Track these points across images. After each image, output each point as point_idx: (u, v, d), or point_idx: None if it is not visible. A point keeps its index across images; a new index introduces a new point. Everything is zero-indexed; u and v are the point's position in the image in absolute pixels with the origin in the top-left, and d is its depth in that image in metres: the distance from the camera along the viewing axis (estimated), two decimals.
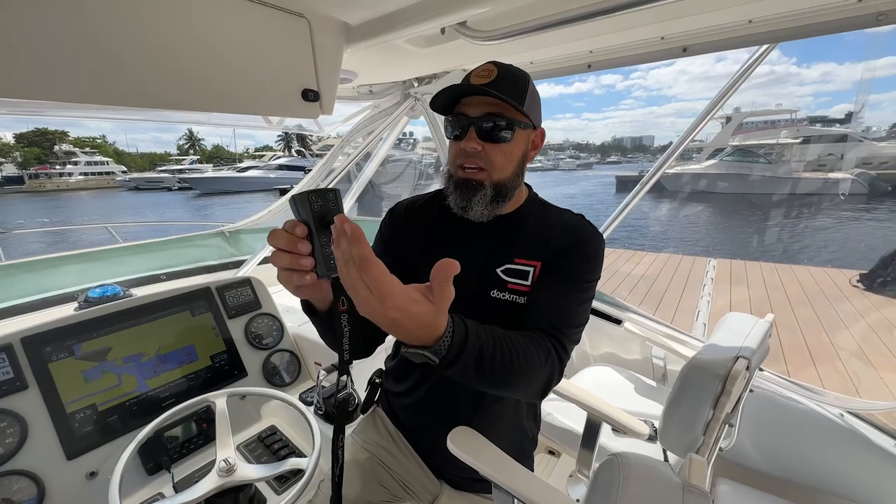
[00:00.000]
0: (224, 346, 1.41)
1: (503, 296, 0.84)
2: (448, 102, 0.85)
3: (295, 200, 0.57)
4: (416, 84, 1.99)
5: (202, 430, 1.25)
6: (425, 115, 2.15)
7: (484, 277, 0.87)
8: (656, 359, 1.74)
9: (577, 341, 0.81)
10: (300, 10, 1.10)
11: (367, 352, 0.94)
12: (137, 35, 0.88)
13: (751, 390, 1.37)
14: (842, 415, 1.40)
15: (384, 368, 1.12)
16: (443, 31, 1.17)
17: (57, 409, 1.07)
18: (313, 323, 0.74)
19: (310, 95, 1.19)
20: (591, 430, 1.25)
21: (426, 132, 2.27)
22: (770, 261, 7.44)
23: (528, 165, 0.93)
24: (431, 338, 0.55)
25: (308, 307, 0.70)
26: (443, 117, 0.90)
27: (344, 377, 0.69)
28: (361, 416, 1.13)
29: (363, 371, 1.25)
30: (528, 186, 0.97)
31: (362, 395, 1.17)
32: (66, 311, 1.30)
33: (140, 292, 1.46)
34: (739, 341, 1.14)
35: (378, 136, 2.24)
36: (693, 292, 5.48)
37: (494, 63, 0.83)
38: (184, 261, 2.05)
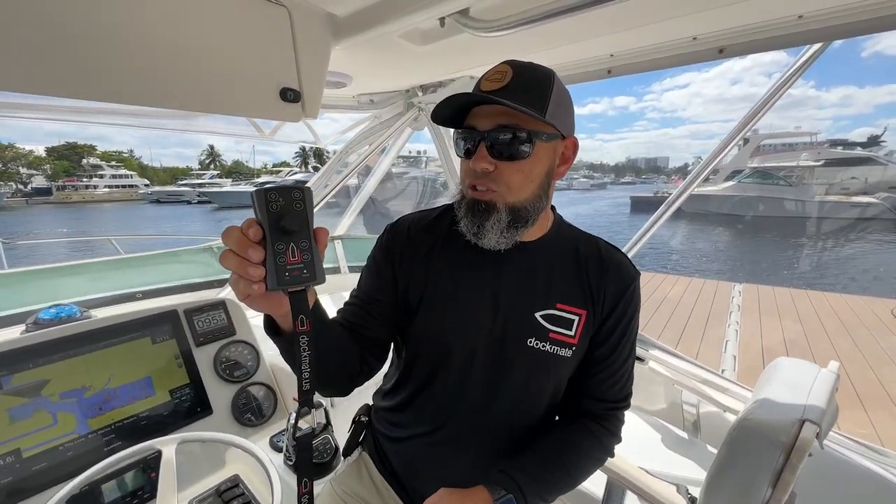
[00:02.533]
0: (188, 378, 1.23)
1: (543, 346, 0.71)
2: (455, 114, 0.70)
3: (253, 197, 0.49)
4: (420, 93, 1.85)
5: (151, 481, 1.06)
6: (429, 127, 2.01)
7: (517, 321, 0.72)
8: (687, 405, 1.51)
9: None
10: None
11: (342, 389, 0.77)
12: (85, 17, 0.75)
13: (809, 454, 1.13)
14: None
15: (371, 405, 0.95)
16: (442, 22, 1.02)
17: None
18: (276, 344, 0.63)
19: (289, 95, 1.04)
20: (613, 497, 1.03)
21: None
22: (799, 287, 7.04)
23: None
24: None
25: (270, 325, 0.61)
26: (450, 130, 0.75)
27: (308, 410, 0.59)
28: (343, 459, 0.95)
29: (347, 409, 1.06)
30: (552, 208, 0.81)
31: (342, 440, 0.99)
32: (13, 333, 1.14)
33: (104, 313, 1.31)
34: (801, 398, 0.91)
35: (378, 147, 2.10)
36: (718, 319, 5.16)
37: (510, 63, 0.67)
38: (167, 277, 1.91)
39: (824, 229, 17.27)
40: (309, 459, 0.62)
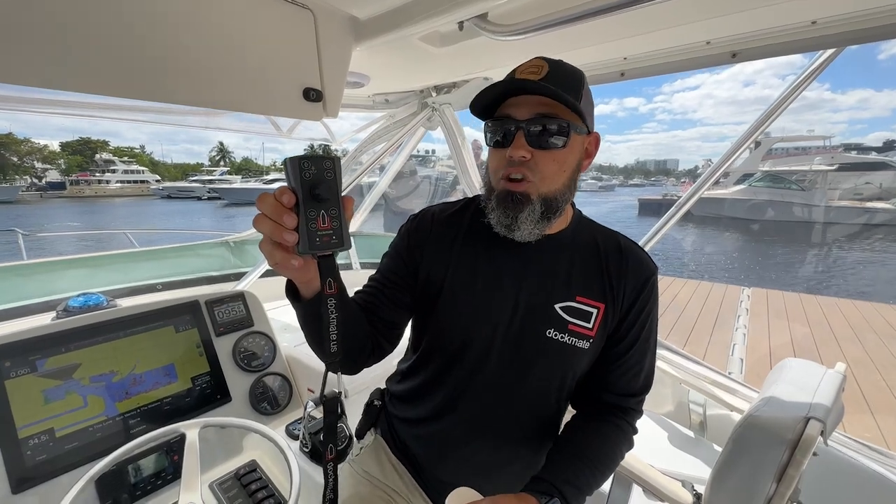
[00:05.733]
0: (208, 366, 1.28)
1: (561, 337, 0.73)
2: (490, 104, 0.72)
3: (287, 165, 0.51)
4: (434, 93, 1.88)
5: (174, 464, 1.11)
6: (443, 127, 2.03)
7: (537, 312, 0.74)
8: (694, 405, 1.52)
9: None
10: (304, 2, 0.99)
11: (352, 366, 0.77)
12: (119, 16, 0.79)
13: (814, 453, 1.15)
14: None
15: (385, 389, 0.97)
16: (461, 25, 1.05)
17: (8, 434, 0.95)
18: (295, 310, 0.64)
19: (312, 95, 1.08)
20: (619, 492, 1.06)
21: (447, 149, 2.14)
22: (810, 292, 6.97)
23: None
24: None
25: (292, 291, 0.62)
26: (464, 132, 0.78)
27: (336, 370, 0.60)
28: (357, 442, 0.98)
29: (359, 402, 1.10)
30: (571, 203, 0.83)
31: (354, 424, 1.01)
32: (44, 320, 1.20)
33: (128, 303, 1.36)
34: (807, 397, 0.93)
35: (392, 146, 2.13)
36: (725, 323, 5.13)
37: (544, 58, 0.69)
38: (185, 270, 1.97)
39: (837, 234, 17.05)
40: (335, 424, 0.63)
